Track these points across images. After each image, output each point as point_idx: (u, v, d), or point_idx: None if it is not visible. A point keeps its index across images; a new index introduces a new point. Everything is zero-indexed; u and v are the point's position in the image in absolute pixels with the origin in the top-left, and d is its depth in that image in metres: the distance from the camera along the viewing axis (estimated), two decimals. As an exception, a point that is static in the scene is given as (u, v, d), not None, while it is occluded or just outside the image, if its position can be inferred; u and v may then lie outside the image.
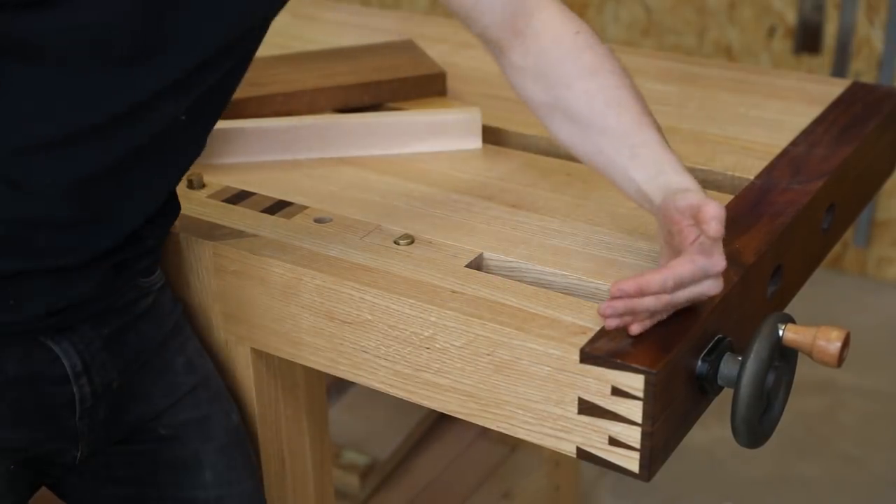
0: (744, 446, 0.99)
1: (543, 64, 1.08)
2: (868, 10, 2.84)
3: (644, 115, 1.05)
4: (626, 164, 1.03)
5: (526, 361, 0.96)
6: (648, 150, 1.02)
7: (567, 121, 1.07)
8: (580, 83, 1.06)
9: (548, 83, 1.08)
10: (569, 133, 1.08)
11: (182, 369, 1.12)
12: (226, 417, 1.16)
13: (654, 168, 1.01)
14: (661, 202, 0.99)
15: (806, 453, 2.38)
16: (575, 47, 1.07)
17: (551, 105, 1.08)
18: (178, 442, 1.13)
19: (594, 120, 1.05)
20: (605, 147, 1.04)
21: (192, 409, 1.13)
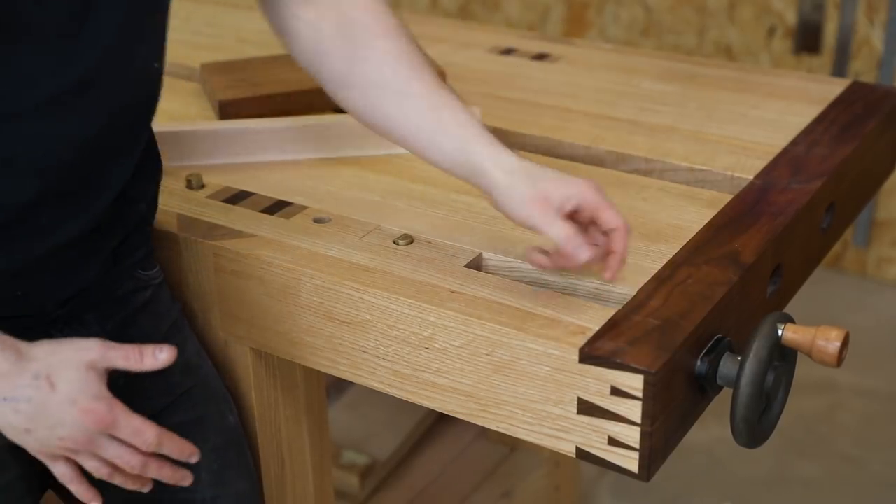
0: (743, 446, 0.99)
1: (343, 20, 1.06)
2: (868, 10, 2.83)
3: (438, 80, 1.05)
4: (427, 125, 1.03)
5: (525, 361, 0.96)
6: (451, 111, 1.03)
7: (364, 88, 1.06)
8: (384, 44, 1.05)
9: (347, 41, 1.06)
10: (366, 100, 1.06)
11: (180, 370, 1.12)
12: (221, 418, 1.16)
13: (459, 132, 1.02)
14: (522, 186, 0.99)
15: (806, 453, 2.38)
16: (374, 9, 1.07)
17: (348, 71, 1.06)
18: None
19: (394, 82, 1.04)
20: (408, 110, 1.04)
21: (189, 410, 1.14)
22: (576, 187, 0.98)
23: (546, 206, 0.97)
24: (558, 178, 0.99)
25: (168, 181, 1.26)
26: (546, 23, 3.26)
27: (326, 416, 1.32)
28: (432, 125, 1.03)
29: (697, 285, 1.01)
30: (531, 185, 0.98)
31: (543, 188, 0.98)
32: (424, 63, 1.06)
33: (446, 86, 1.05)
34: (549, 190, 0.98)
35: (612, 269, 1.00)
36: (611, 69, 1.58)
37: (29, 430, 0.90)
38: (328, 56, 1.07)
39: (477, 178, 1.02)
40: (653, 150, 1.31)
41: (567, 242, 0.96)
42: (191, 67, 1.58)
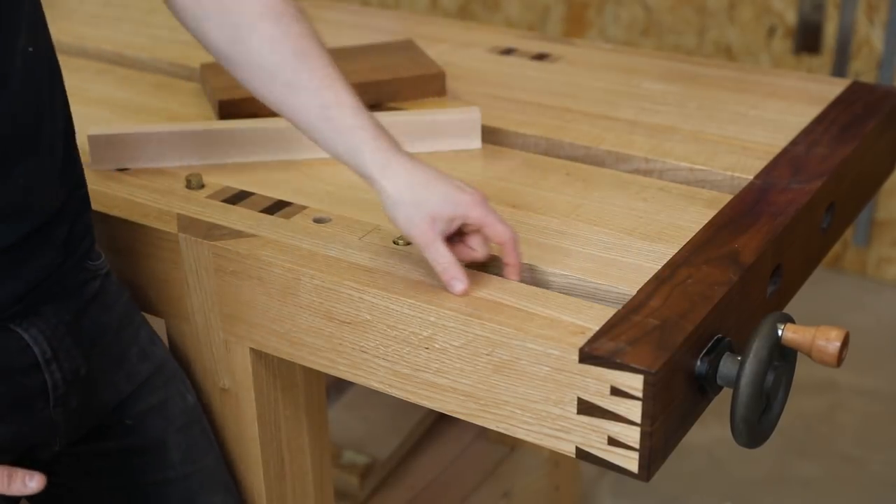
0: (743, 446, 0.99)
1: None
2: (868, 10, 2.83)
3: (331, 69, 1.03)
4: (317, 124, 1.03)
5: (525, 361, 0.96)
6: (340, 111, 1.02)
7: (250, 69, 1.04)
8: (265, 26, 1.02)
9: (226, 19, 1.03)
10: (253, 82, 1.05)
11: (136, 358, 1.15)
12: (183, 399, 1.19)
13: (348, 136, 1.02)
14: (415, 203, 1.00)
15: (806, 453, 2.38)
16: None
17: (229, 48, 1.04)
18: (144, 429, 1.16)
19: (280, 71, 1.02)
20: (293, 101, 1.03)
21: (151, 396, 1.16)
22: (461, 208, 1.00)
23: (429, 230, 1.00)
24: (444, 196, 1.01)
25: (168, 181, 1.26)
26: (546, 23, 3.26)
27: (326, 416, 1.32)
28: (321, 125, 1.03)
29: (697, 285, 1.01)
30: (417, 206, 1.00)
31: (429, 210, 1.00)
32: (314, 45, 1.03)
33: (338, 75, 1.03)
34: (435, 211, 1.00)
35: (511, 276, 1.05)
36: (611, 69, 1.58)
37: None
38: (208, 28, 1.05)
39: (368, 182, 1.04)
40: (653, 150, 1.31)
41: (442, 273, 1.01)
42: (191, 67, 1.58)
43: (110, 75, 1.60)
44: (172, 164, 1.29)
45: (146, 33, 1.75)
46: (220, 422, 1.25)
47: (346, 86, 1.03)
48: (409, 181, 1.01)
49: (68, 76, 1.65)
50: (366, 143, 1.01)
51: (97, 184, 1.25)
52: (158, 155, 1.29)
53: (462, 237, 1.04)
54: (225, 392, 1.22)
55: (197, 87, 1.54)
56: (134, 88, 1.55)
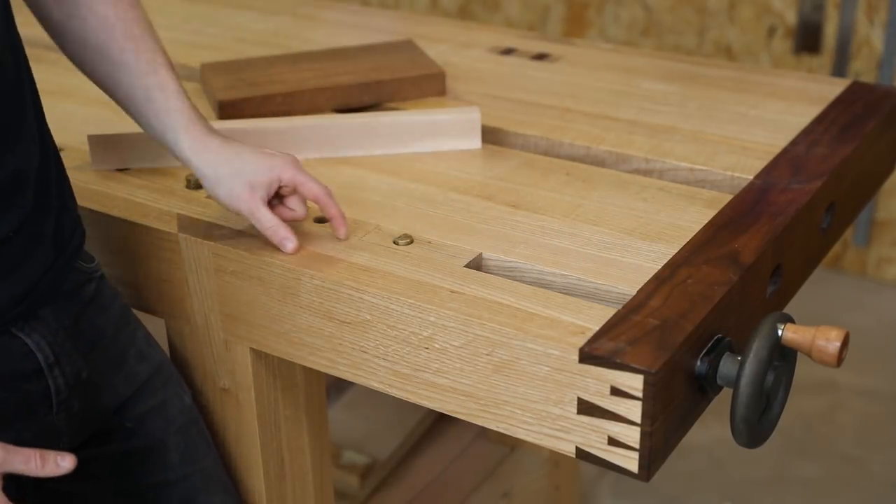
0: (743, 446, 0.99)
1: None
2: (868, 10, 2.83)
3: (158, 55, 1.10)
4: (139, 106, 1.10)
5: (525, 361, 0.96)
6: (161, 94, 1.09)
7: (81, 45, 1.10)
8: (100, 7, 1.08)
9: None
10: (81, 58, 1.11)
11: (134, 360, 1.16)
12: (180, 400, 1.20)
13: (166, 118, 1.09)
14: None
15: (806, 453, 2.38)
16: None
17: (64, 23, 1.09)
18: (144, 431, 1.16)
19: (110, 51, 1.09)
20: (119, 79, 1.09)
21: (150, 398, 1.17)
22: (275, 171, 1.08)
23: (251, 198, 1.07)
24: (257, 164, 1.08)
25: (168, 181, 1.26)
26: (546, 23, 3.26)
27: (326, 416, 1.32)
28: (141, 107, 1.10)
29: (697, 285, 1.01)
30: (235, 177, 1.07)
31: (246, 179, 1.07)
32: (145, 30, 1.10)
33: (164, 61, 1.10)
34: (252, 179, 1.07)
35: (338, 230, 1.11)
36: (611, 69, 1.58)
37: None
38: (46, 3, 1.10)
39: (185, 165, 1.10)
40: (653, 150, 1.31)
41: (272, 235, 1.08)
42: (191, 67, 1.58)
43: (110, 75, 1.60)
44: (172, 164, 1.29)
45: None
46: (220, 422, 1.25)
47: (169, 72, 1.10)
48: (223, 158, 1.08)
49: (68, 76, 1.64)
50: (181, 128, 1.09)
51: (97, 184, 1.25)
52: (158, 155, 1.29)
53: (281, 200, 1.11)
54: (225, 392, 1.22)
55: (197, 87, 1.53)
56: (134, 88, 1.55)
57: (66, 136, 1.36)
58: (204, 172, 1.09)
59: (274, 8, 1.88)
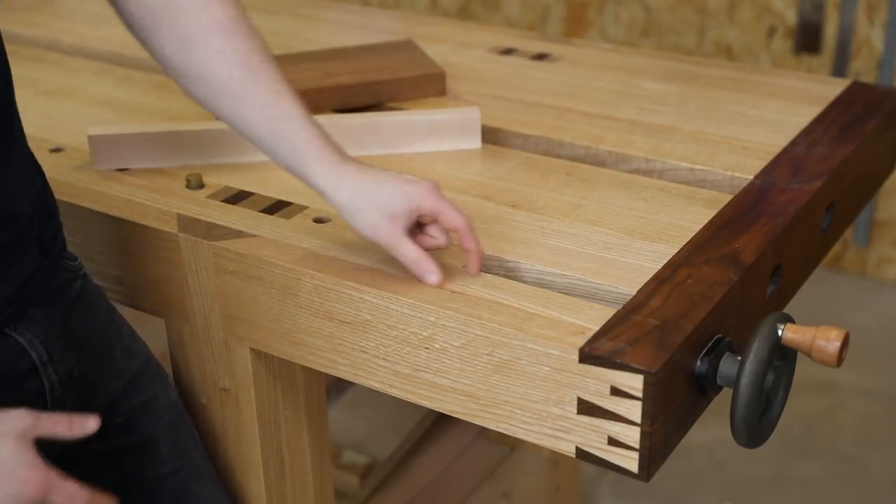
0: (743, 446, 0.99)
1: (171, 8, 1.04)
2: (868, 10, 2.83)
3: (280, 84, 1.05)
4: (266, 139, 1.05)
5: (525, 361, 0.96)
6: (288, 125, 1.04)
7: (203, 84, 1.06)
8: (215, 41, 1.04)
9: (175, 27, 1.04)
10: (204, 95, 1.07)
11: (122, 355, 1.16)
12: (167, 395, 1.21)
13: (296, 150, 1.04)
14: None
15: (806, 453, 2.38)
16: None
17: (184, 66, 1.06)
18: (134, 427, 1.17)
19: (230, 85, 1.04)
20: (243, 114, 1.05)
21: (140, 393, 1.18)
22: (415, 200, 1.02)
23: (392, 230, 1.02)
24: (397, 192, 1.02)
25: (168, 181, 1.26)
26: (546, 23, 3.26)
27: (326, 416, 1.32)
28: (270, 140, 1.05)
29: (697, 285, 1.01)
30: (374, 208, 1.02)
31: (386, 210, 1.02)
32: (263, 61, 1.06)
33: (287, 89, 1.05)
34: (392, 209, 1.02)
35: (471, 266, 1.05)
36: (611, 69, 1.58)
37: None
38: (160, 44, 1.06)
39: (323, 196, 1.05)
40: (653, 150, 1.31)
41: (415, 268, 1.03)
42: (191, 67, 1.58)
43: (110, 75, 1.60)
44: (172, 164, 1.29)
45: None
46: (220, 422, 1.25)
47: (294, 100, 1.05)
48: (360, 187, 1.03)
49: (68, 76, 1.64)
50: (313, 158, 1.03)
51: (97, 184, 1.25)
52: (158, 155, 1.29)
53: (421, 228, 1.06)
54: (225, 392, 1.22)
55: (197, 87, 1.53)
56: (134, 88, 1.55)
57: (66, 136, 1.35)
58: (342, 204, 1.03)
59: (274, 8, 1.87)
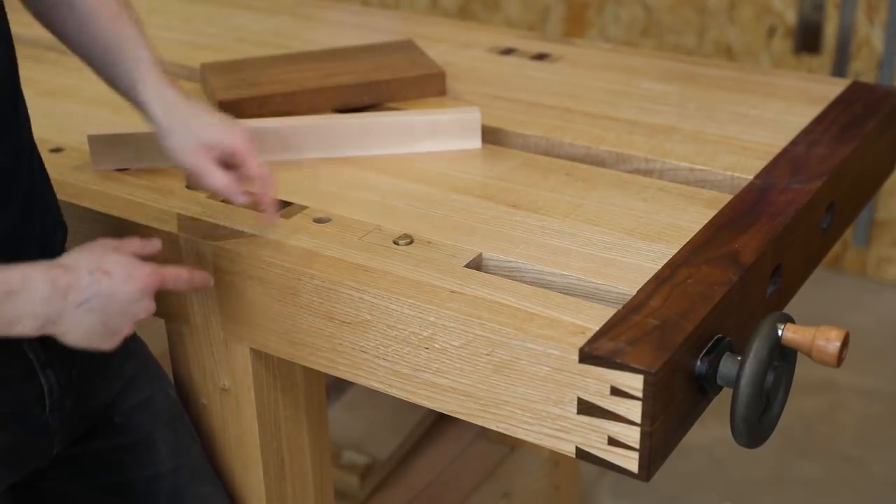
0: (743, 446, 0.99)
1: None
2: (868, 10, 2.83)
3: (123, 7, 1.12)
4: (103, 56, 1.11)
5: (525, 361, 0.96)
6: (129, 43, 1.11)
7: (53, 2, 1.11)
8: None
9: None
10: (52, 11, 1.12)
11: (121, 356, 1.16)
12: (166, 395, 1.22)
13: (130, 65, 1.10)
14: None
15: (806, 453, 2.38)
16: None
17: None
18: (132, 426, 1.18)
19: (79, 3, 1.10)
20: (86, 33, 1.11)
21: (138, 392, 1.18)
22: (229, 137, 1.09)
23: (202, 153, 1.09)
24: (215, 126, 1.09)
25: (168, 181, 1.26)
26: (546, 23, 3.26)
27: (326, 416, 1.32)
28: (110, 57, 1.11)
29: (697, 285, 1.01)
30: (189, 133, 1.09)
31: (202, 137, 1.09)
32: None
33: (130, 16, 1.12)
34: (207, 138, 1.09)
35: (269, 215, 1.12)
36: (611, 69, 1.58)
37: (105, 323, 0.97)
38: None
39: (144, 115, 1.11)
40: (653, 150, 1.31)
41: (225, 190, 1.09)
42: (191, 67, 1.58)
43: (110, 75, 1.60)
44: (172, 164, 1.29)
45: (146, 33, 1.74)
46: (220, 422, 1.25)
47: (136, 23, 1.12)
48: (181, 111, 1.09)
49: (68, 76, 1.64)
50: (147, 73, 1.09)
51: (97, 184, 1.25)
52: (158, 155, 1.29)
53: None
54: (225, 392, 1.22)
55: (197, 87, 1.53)
56: (134, 88, 1.55)
57: (66, 136, 1.36)
58: (159, 121, 1.09)
59: (274, 8, 1.87)
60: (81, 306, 0.95)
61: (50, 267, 0.94)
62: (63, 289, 0.93)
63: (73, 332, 0.96)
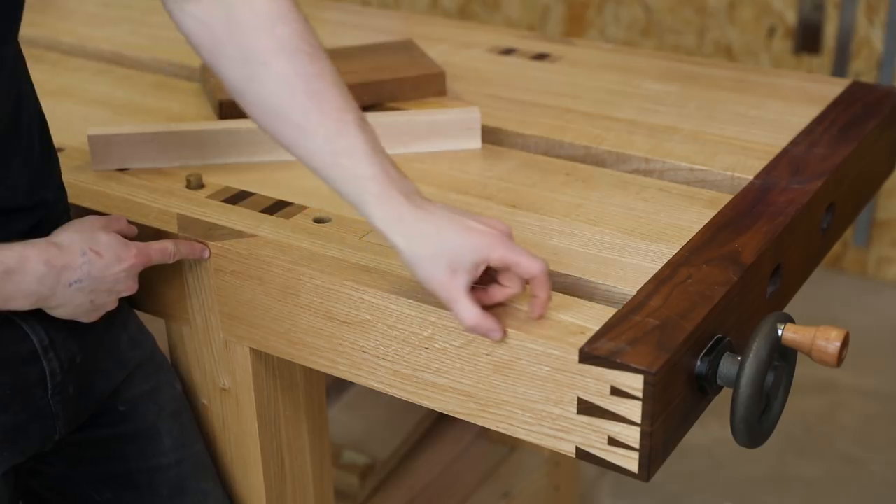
0: (743, 446, 0.99)
1: (232, 25, 0.99)
2: (868, 10, 2.83)
3: (346, 112, 0.98)
4: (327, 171, 0.98)
5: (525, 361, 0.96)
6: (350, 160, 0.96)
7: (262, 110, 1.00)
8: (277, 64, 0.97)
9: (239, 51, 0.99)
10: (266, 124, 1.01)
11: (127, 345, 1.17)
12: (171, 387, 1.22)
13: (357, 186, 0.96)
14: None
15: (806, 453, 2.38)
16: (270, 14, 0.98)
17: (244, 88, 1.00)
18: (136, 415, 1.18)
19: (291, 113, 0.98)
20: (304, 144, 0.99)
21: (143, 382, 1.19)
22: (481, 253, 0.94)
23: (451, 285, 0.94)
24: (461, 244, 0.94)
25: (168, 181, 1.26)
26: (546, 23, 3.26)
27: (326, 416, 1.32)
28: (331, 172, 0.98)
29: (697, 285, 1.01)
30: (432, 258, 0.94)
31: (446, 262, 0.93)
32: (328, 84, 0.98)
33: (353, 118, 0.98)
34: (453, 262, 0.93)
35: (537, 312, 0.97)
36: (611, 69, 1.58)
37: (93, 301, 1.03)
38: (222, 64, 1.01)
39: (382, 235, 0.97)
40: (653, 150, 1.31)
41: (475, 330, 0.95)
42: (191, 67, 1.58)
43: (110, 75, 1.60)
44: (172, 164, 1.29)
45: (146, 33, 1.75)
46: (220, 422, 1.25)
47: (359, 130, 0.97)
48: (422, 234, 0.94)
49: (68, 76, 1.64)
50: (374, 197, 0.96)
51: (97, 184, 1.25)
52: (158, 155, 1.29)
53: (492, 274, 0.98)
54: (225, 392, 1.22)
55: (197, 87, 1.54)
56: (133, 88, 1.55)
57: (66, 136, 1.35)
58: (400, 248, 0.95)
59: (274, 8, 1.87)
60: (73, 286, 1.00)
61: (46, 247, 0.98)
62: (58, 269, 0.98)
63: (62, 307, 1.01)
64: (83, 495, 1.20)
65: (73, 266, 0.99)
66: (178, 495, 1.21)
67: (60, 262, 0.98)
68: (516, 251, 0.95)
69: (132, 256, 1.05)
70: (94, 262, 1.01)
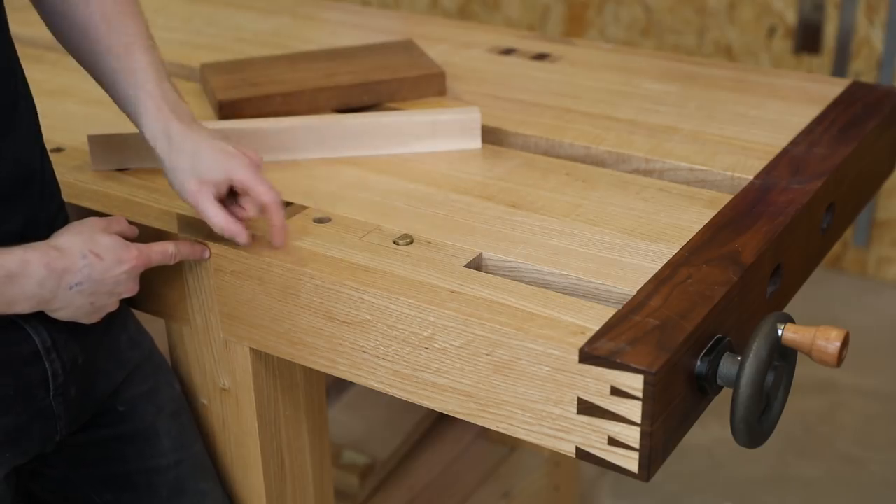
0: (743, 446, 0.99)
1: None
2: (868, 10, 2.83)
3: (138, 38, 1.12)
4: (112, 85, 1.12)
5: (525, 361, 0.96)
6: (135, 78, 1.10)
7: (70, 23, 1.11)
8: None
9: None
10: (70, 36, 1.12)
11: (126, 346, 1.18)
12: (170, 388, 1.23)
13: (135, 101, 1.10)
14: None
15: (806, 453, 2.38)
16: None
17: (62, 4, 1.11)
18: (135, 416, 1.18)
19: (89, 30, 1.11)
20: (96, 60, 1.12)
21: (142, 383, 1.19)
22: (228, 172, 1.08)
23: (203, 192, 1.07)
24: (212, 161, 1.08)
25: (168, 181, 1.26)
26: (546, 23, 3.26)
27: (326, 416, 1.32)
28: (116, 86, 1.11)
29: (697, 285, 1.01)
30: (187, 171, 1.08)
31: (202, 174, 1.07)
32: (128, 16, 1.12)
33: (142, 42, 1.12)
34: (203, 175, 1.07)
35: (276, 239, 1.10)
36: (611, 69, 1.58)
37: (93, 303, 1.04)
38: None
39: (149, 146, 1.11)
40: (653, 150, 1.31)
41: (223, 231, 1.08)
42: (191, 67, 1.58)
43: (110, 75, 1.60)
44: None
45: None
46: (220, 422, 1.25)
47: (146, 54, 1.11)
48: (182, 150, 1.08)
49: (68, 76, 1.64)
50: (149, 111, 1.09)
51: (97, 184, 1.25)
52: (158, 155, 1.29)
53: (237, 198, 1.11)
54: (225, 392, 1.22)
55: (197, 87, 1.54)
56: (134, 88, 1.55)
57: (66, 136, 1.35)
58: (161, 158, 1.10)
59: (274, 8, 1.88)
60: (73, 288, 1.01)
61: (46, 250, 0.99)
62: (58, 272, 0.99)
63: (63, 309, 1.02)
64: (84, 497, 1.21)
65: (74, 269, 1.00)
66: (178, 496, 1.21)
67: (61, 266, 0.99)
68: (257, 178, 1.08)
69: (132, 258, 1.05)
70: (95, 265, 1.02)
